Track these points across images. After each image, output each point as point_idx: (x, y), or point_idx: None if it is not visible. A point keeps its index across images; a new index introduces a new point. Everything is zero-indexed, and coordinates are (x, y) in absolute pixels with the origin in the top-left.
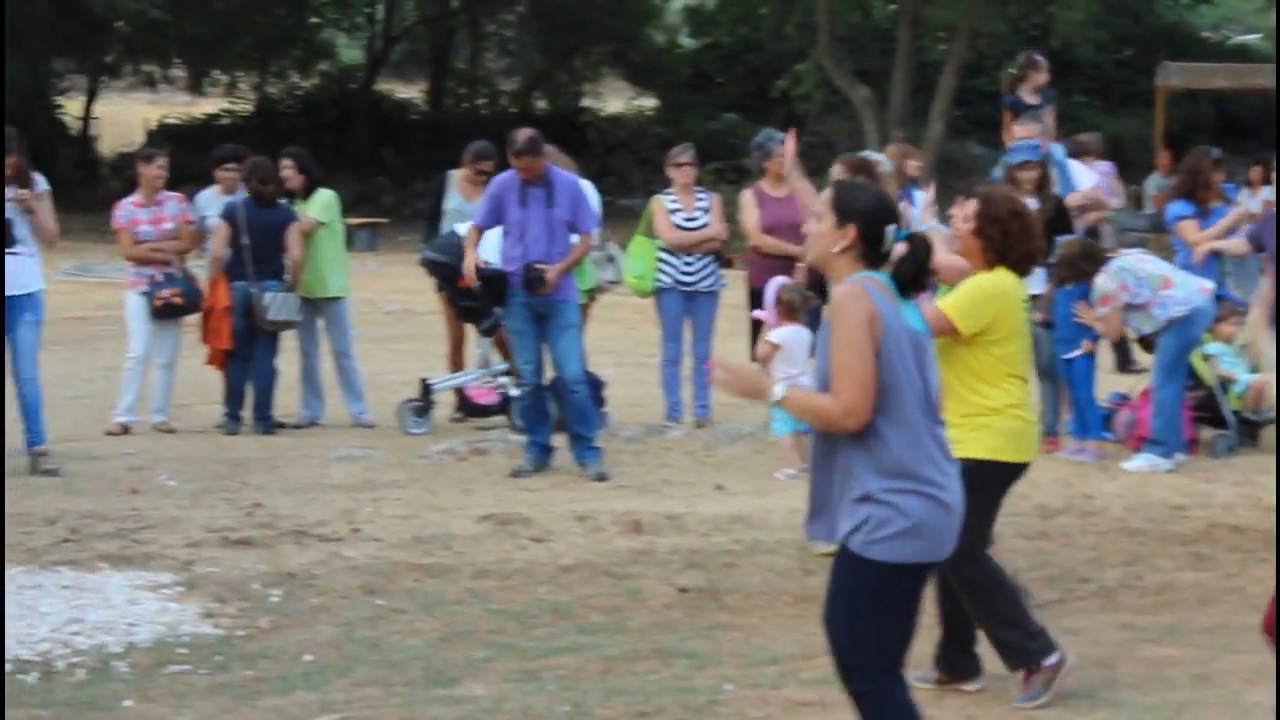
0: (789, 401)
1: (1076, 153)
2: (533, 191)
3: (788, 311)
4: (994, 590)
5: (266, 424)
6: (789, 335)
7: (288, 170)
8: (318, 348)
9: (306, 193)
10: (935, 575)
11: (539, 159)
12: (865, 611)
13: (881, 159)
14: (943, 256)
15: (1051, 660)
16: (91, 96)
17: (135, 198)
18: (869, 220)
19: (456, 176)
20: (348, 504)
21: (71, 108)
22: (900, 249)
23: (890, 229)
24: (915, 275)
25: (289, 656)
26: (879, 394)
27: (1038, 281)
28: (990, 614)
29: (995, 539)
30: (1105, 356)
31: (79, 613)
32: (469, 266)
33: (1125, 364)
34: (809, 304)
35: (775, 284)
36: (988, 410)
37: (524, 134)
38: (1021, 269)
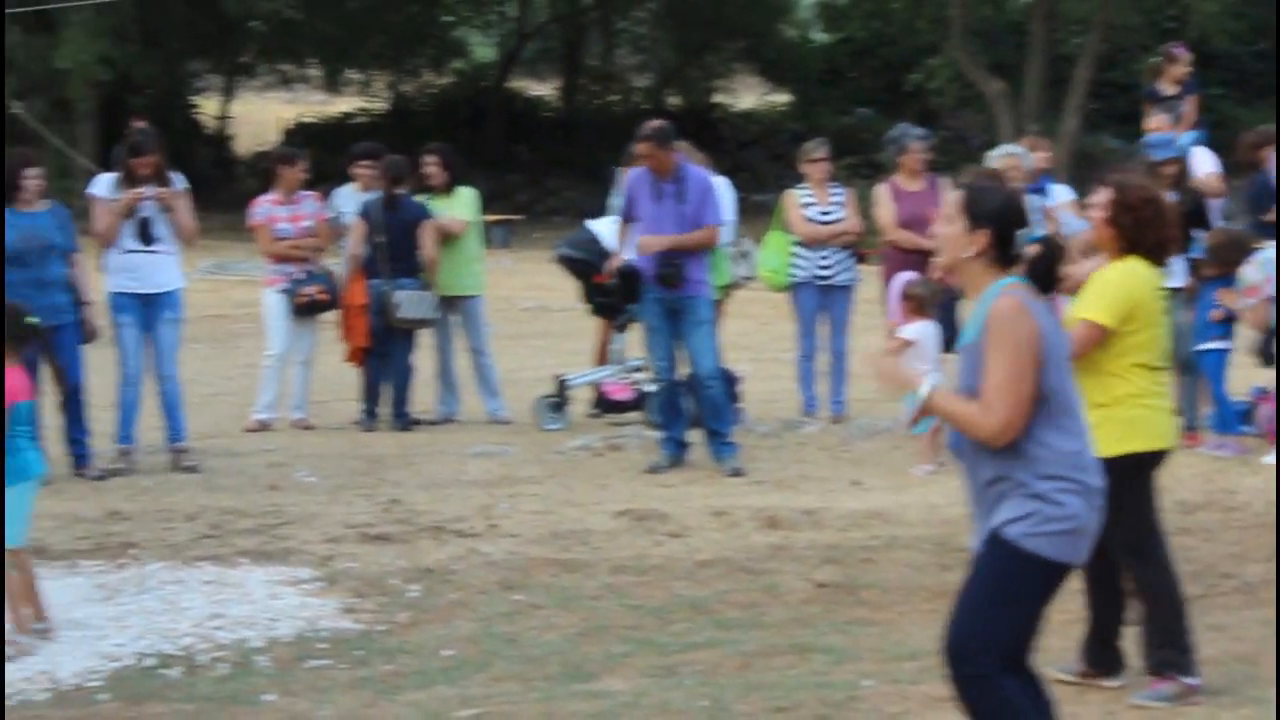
0: (933, 402)
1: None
2: (665, 187)
3: (916, 307)
4: (1165, 597)
5: (404, 420)
6: (919, 331)
7: (432, 167)
8: (454, 344)
9: (448, 189)
10: (1085, 569)
11: (662, 150)
12: (1000, 599)
13: (1020, 153)
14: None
15: (1191, 681)
16: (227, 96)
17: (273, 196)
18: (1001, 223)
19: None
20: (485, 500)
21: (208, 107)
22: (1032, 251)
23: (1022, 231)
24: (1047, 279)
25: (428, 651)
26: (1040, 401)
27: (1178, 274)
28: (1155, 617)
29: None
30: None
31: (220, 607)
32: (613, 263)
33: (1268, 357)
34: (937, 298)
35: (900, 280)
36: (1109, 401)
37: (651, 123)
38: (1155, 258)
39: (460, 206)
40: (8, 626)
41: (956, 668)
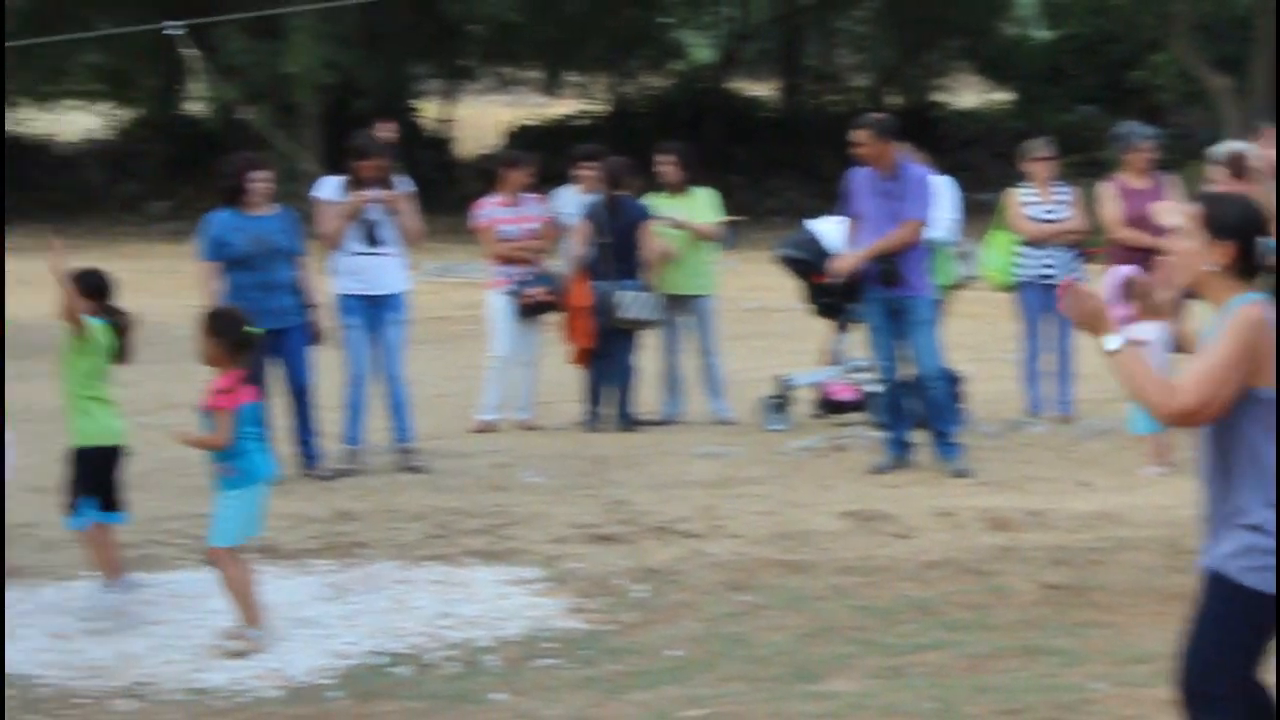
0: (1121, 359)
1: None
2: (884, 185)
3: (1148, 308)
4: None
5: (627, 421)
6: (1149, 331)
7: (667, 166)
8: (680, 344)
9: (684, 189)
10: None
11: (880, 140)
12: (1229, 639)
13: (1251, 150)
14: None
15: None
16: (449, 99)
17: (497, 198)
18: (1244, 235)
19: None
20: (709, 500)
21: (429, 111)
22: (1273, 261)
23: (1263, 241)
24: None
25: (654, 652)
26: (1274, 419)
27: None
28: None
29: None
30: None
31: (448, 607)
32: (841, 263)
33: None
34: (1163, 299)
35: (1117, 275)
36: None
37: (872, 115)
38: None
39: (697, 207)
40: (234, 622)
41: (1202, 715)
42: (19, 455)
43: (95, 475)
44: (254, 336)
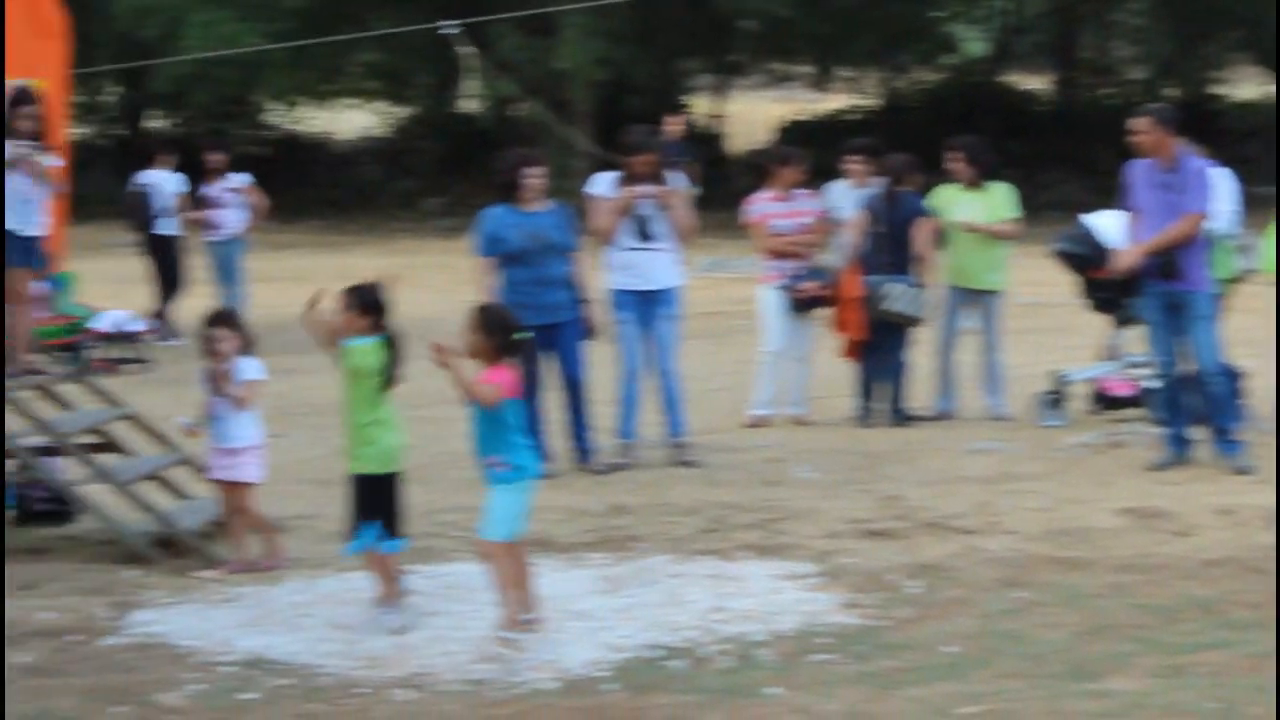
0: None
1: None
2: (1163, 177)
3: None
4: None
5: (900, 416)
6: None
7: (957, 162)
8: (956, 339)
9: (977, 184)
10: None
11: (1161, 129)
12: None
13: None
14: None
15: None
16: (720, 95)
17: (769, 193)
18: None
19: None
20: (984, 496)
21: (700, 107)
22: None
23: None
24: None
25: (929, 647)
26: None
27: None
28: None
29: None
30: None
31: (722, 601)
32: (1122, 258)
33: None
34: None
35: None
36: None
37: (1152, 105)
38: None
39: (993, 202)
40: (500, 621)
41: None
42: (299, 449)
43: (375, 501)
44: (522, 341)
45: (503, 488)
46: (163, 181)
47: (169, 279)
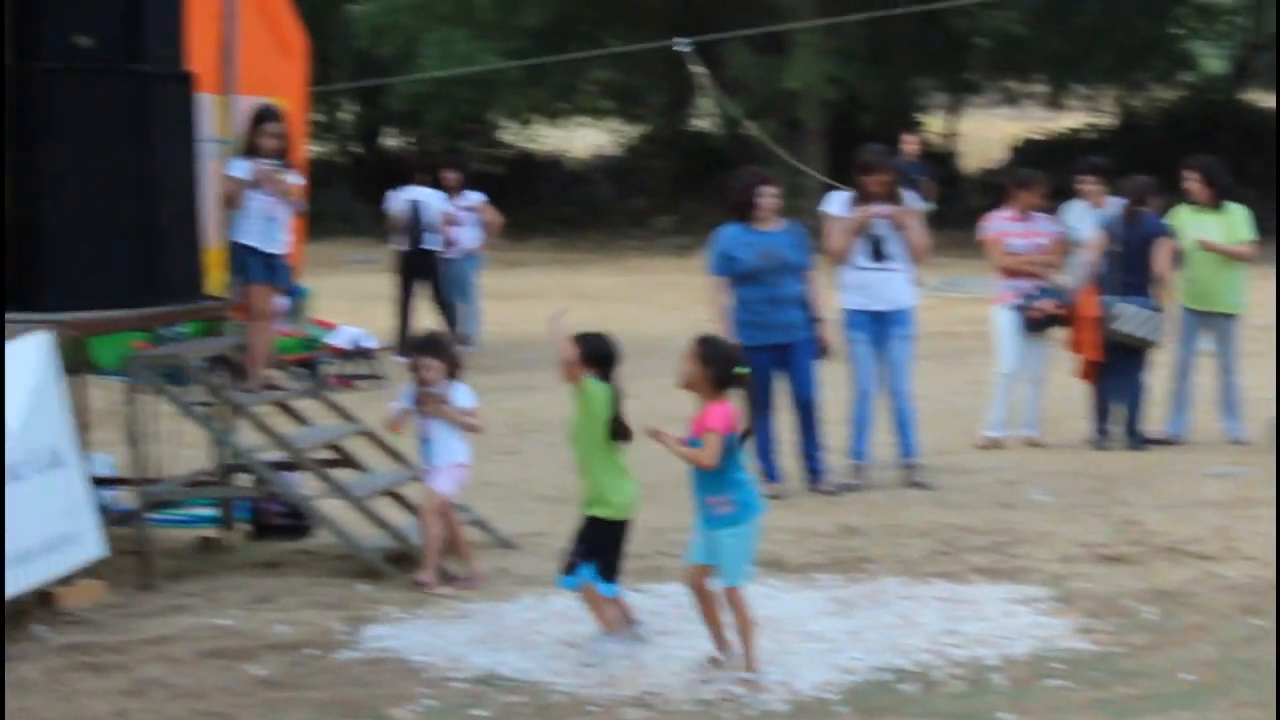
0: None
1: None
2: None
3: None
4: None
5: (1136, 439)
6: None
7: (1192, 183)
8: (1194, 362)
9: (1215, 205)
10: None
11: None
12: None
13: None
14: None
15: None
16: (953, 113)
17: (1007, 212)
18: None
19: None
20: (1221, 521)
21: (933, 125)
22: None
23: None
24: None
25: (1166, 675)
26: None
27: None
28: None
29: None
30: None
31: (954, 624)
32: None
33: None
34: None
35: None
36: None
37: None
38: None
39: (1228, 223)
40: (744, 662)
41: None
42: (530, 466)
43: (600, 544)
44: (742, 378)
45: (730, 531)
46: (428, 198)
47: (441, 297)
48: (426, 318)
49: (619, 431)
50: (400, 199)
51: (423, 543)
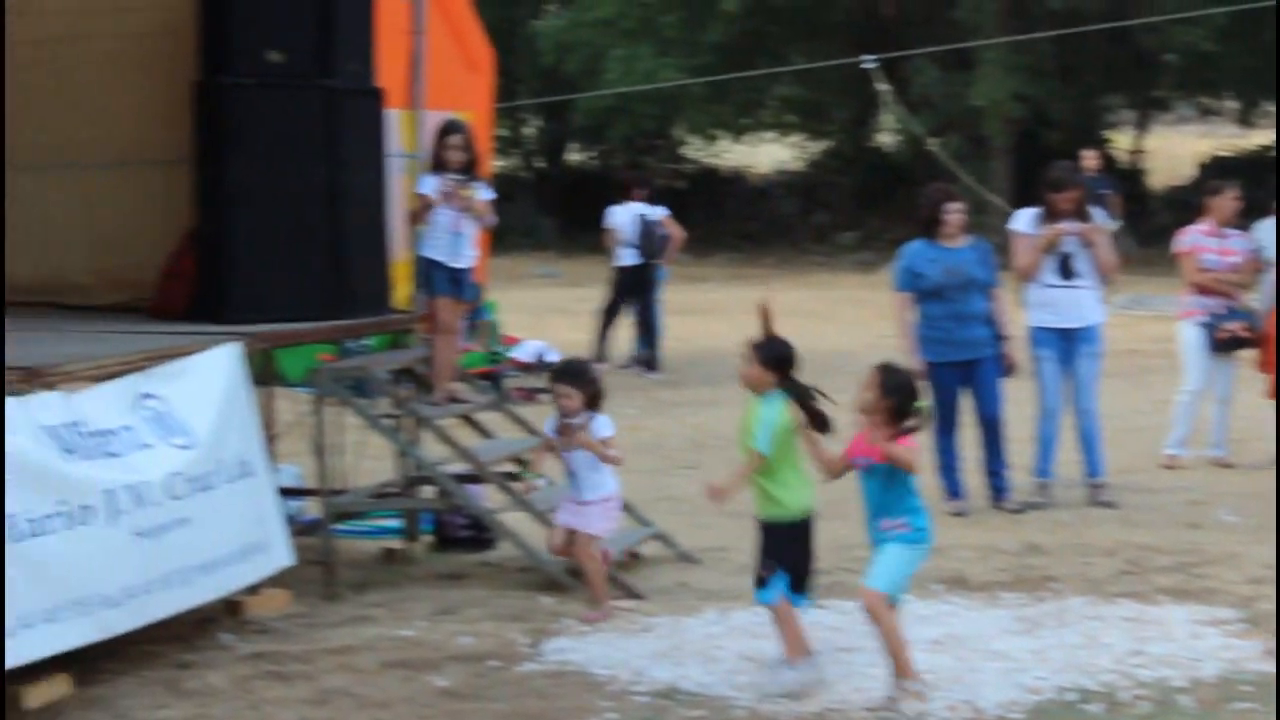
0: None
1: None
2: None
3: None
4: None
5: None
6: None
7: None
8: None
9: None
10: None
11: None
12: None
13: None
14: None
15: None
16: (1141, 130)
17: (1203, 226)
18: None
19: None
20: None
21: (1120, 142)
22: None
23: None
24: None
25: None
26: None
27: None
28: None
29: None
30: None
31: (1141, 645)
32: None
33: None
34: None
35: None
36: None
37: None
38: None
39: None
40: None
41: None
42: (707, 477)
43: (783, 551)
44: (920, 411)
45: (900, 546)
46: (650, 214)
47: (648, 316)
48: (624, 334)
49: (819, 423)
50: (623, 214)
51: (587, 581)
